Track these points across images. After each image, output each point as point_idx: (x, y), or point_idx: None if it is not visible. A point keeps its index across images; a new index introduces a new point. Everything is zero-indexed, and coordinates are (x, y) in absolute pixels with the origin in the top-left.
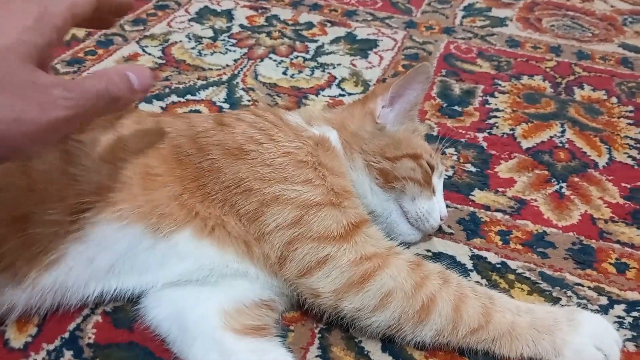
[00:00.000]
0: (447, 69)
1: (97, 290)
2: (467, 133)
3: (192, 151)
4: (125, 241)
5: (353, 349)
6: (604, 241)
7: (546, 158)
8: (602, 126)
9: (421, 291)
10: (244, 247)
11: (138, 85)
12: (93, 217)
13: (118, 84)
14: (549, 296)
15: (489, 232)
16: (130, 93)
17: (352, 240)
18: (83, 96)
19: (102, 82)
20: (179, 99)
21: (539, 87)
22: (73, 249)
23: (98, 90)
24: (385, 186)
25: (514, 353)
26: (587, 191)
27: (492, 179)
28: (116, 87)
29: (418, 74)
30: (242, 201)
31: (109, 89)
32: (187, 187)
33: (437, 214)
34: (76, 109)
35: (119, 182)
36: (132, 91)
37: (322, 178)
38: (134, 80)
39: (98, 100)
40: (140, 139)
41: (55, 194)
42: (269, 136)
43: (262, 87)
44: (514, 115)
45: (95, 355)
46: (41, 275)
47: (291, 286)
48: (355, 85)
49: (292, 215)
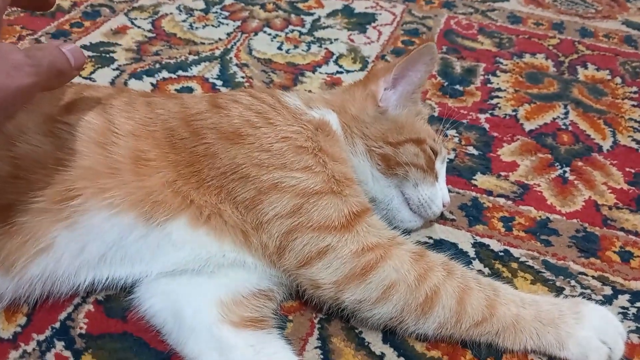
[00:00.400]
0: (447, 45)
1: (89, 280)
2: (469, 114)
3: (186, 135)
4: (116, 230)
5: (353, 340)
6: (608, 228)
7: (549, 141)
8: (606, 108)
9: (425, 283)
10: (242, 236)
11: (74, 63)
12: (82, 205)
13: (61, 59)
14: (552, 286)
15: (492, 219)
16: (70, 69)
17: (354, 230)
18: (42, 65)
19: (49, 55)
20: (169, 74)
21: (542, 66)
22: (62, 238)
23: (49, 61)
24: (387, 172)
25: (517, 346)
26: (591, 176)
27: (495, 163)
28: (59, 62)
29: (422, 55)
30: (239, 188)
31: (56, 62)
32: (181, 173)
33: (439, 200)
34: (38, 76)
35: (109, 168)
36: (71, 68)
37: (322, 165)
38: (70, 58)
39: (49, 72)
40: (131, 121)
41: (41, 181)
42: (266, 120)
43: (256, 63)
44: (517, 95)
45: (88, 346)
46: (29, 265)
47: (290, 277)
48: (353, 62)
49: (291, 204)
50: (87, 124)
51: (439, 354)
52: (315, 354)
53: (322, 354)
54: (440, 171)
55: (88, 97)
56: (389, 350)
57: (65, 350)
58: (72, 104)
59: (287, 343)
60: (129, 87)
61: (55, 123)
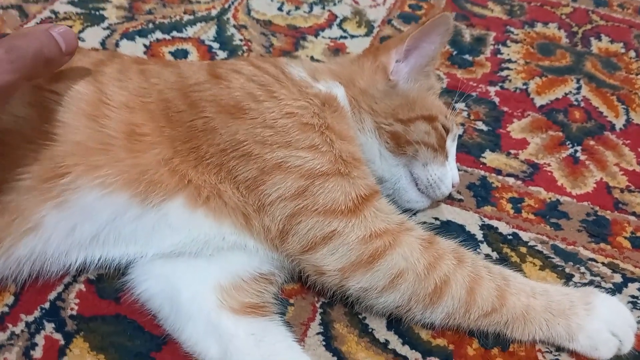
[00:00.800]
0: (456, 11)
1: (80, 260)
2: (479, 86)
3: (183, 107)
4: (109, 211)
5: (357, 326)
6: (620, 212)
7: (560, 118)
8: (620, 83)
9: (434, 272)
10: (242, 219)
11: (65, 47)
12: (72, 183)
13: (49, 45)
14: (561, 272)
15: (500, 199)
16: (60, 55)
17: (362, 214)
18: (23, 58)
19: (36, 42)
20: (163, 35)
21: (554, 37)
22: (51, 218)
23: (35, 50)
24: (396, 151)
25: (526, 337)
26: (602, 156)
27: (504, 140)
28: (47, 49)
29: (437, 25)
30: (240, 167)
31: (43, 49)
32: (178, 149)
33: (449, 180)
34: (19, 72)
35: (101, 143)
36: (62, 53)
37: (329, 144)
38: (61, 42)
39: (34, 63)
40: (124, 91)
41: (27, 156)
42: (270, 93)
43: (255, 25)
44: (527, 67)
45: (79, 329)
46: (16, 244)
47: (293, 262)
48: (358, 26)
49: (296, 186)
50: (77, 94)
51: (444, 342)
52: (317, 340)
53: (324, 340)
54: (450, 149)
55: (77, 64)
56: (393, 337)
57: (56, 332)
58: (61, 71)
59: (288, 329)
60: (120, 53)
61: (42, 92)
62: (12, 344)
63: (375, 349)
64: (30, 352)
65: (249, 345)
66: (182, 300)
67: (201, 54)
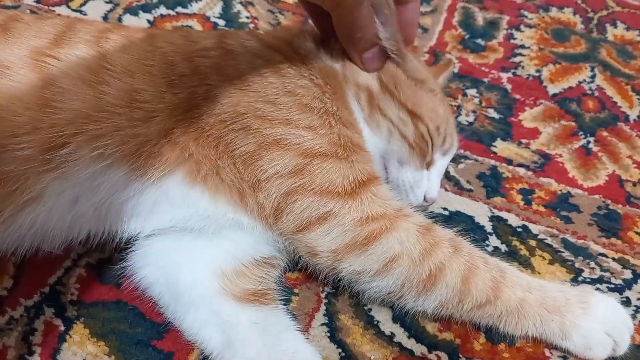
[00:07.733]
0: None
1: (83, 233)
2: (491, 72)
3: (186, 71)
4: (108, 184)
5: (362, 317)
6: (631, 207)
7: (574, 107)
8: (635, 73)
9: (429, 259)
10: (237, 196)
11: None
12: (72, 154)
13: None
14: (571, 267)
15: (511, 190)
16: None
17: (358, 198)
18: None
19: None
20: (168, 11)
21: (569, 22)
22: (52, 189)
23: None
24: (369, 120)
25: (519, 331)
26: (615, 148)
27: (516, 128)
28: None
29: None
30: (238, 140)
31: None
32: (178, 119)
33: (421, 191)
34: None
35: (101, 111)
36: None
37: (328, 127)
38: None
39: None
40: (126, 54)
41: (28, 124)
42: (275, 69)
43: (262, 2)
44: (541, 54)
45: (80, 314)
46: (18, 214)
47: (286, 241)
48: None
49: (293, 163)
50: (78, 59)
51: (451, 336)
52: (322, 331)
53: (328, 332)
54: (438, 162)
55: (81, 29)
56: (399, 330)
57: (56, 318)
58: (63, 35)
59: (293, 318)
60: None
61: (42, 56)
62: (11, 329)
63: (380, 342)
64: (29, 337)
65: (253, 334)
66: (181, 288)
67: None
